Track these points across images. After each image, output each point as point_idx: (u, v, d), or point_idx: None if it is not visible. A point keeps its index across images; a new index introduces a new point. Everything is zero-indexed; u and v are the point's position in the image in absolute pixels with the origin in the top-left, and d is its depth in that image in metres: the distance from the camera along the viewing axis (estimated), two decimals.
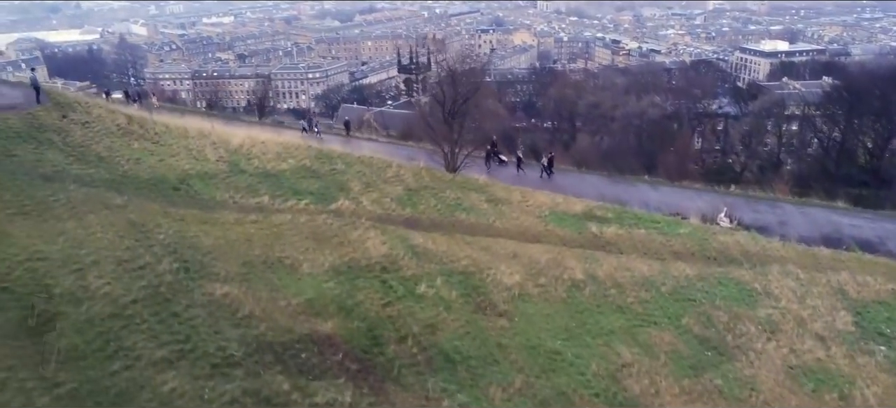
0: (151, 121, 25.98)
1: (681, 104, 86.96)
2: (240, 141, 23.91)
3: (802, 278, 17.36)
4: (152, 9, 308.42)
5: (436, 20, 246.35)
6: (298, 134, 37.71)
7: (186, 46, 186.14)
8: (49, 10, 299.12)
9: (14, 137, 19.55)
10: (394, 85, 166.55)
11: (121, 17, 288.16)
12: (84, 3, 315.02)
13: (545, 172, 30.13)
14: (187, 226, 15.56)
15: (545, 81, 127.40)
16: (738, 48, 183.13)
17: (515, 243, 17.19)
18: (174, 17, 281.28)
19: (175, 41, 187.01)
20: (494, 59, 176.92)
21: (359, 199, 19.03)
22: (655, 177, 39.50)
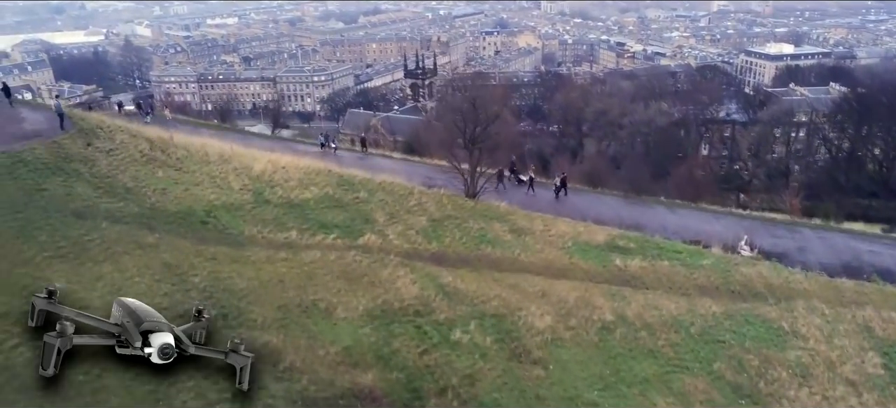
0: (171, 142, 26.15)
1: (688, 111, 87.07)
2: (261, 167, 24.04)
3: (828, 315, 17.45)
4: (157, 9, 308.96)
5: (440, 22, 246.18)
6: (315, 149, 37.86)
7: (191, 49, 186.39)
8: (53, 10, 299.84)
9: (43, 169, 19.70)
10: (399, 87, 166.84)
11: (125, 18, 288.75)
12: (89, 4, 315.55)
13: (559, 192, 30.21)
14: (220, 266, 15.69)
15: (551, 86, 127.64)
16: (743, 51, 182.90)
17: (542, 280, 17.30)
18: (178, 18, 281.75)
19: (180, 43, 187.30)
20: (499, 62, 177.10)
21: (385, 232, 19.16)
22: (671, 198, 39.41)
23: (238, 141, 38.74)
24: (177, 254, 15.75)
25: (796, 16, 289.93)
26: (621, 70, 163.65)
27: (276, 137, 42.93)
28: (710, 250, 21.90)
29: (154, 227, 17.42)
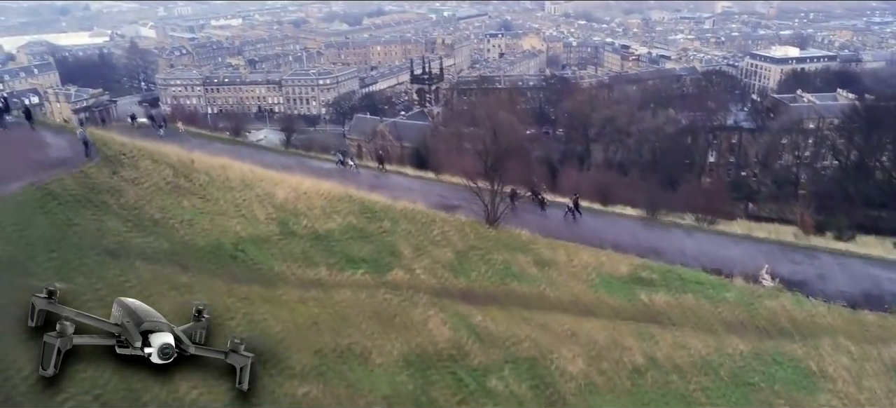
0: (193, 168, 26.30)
1: (696, 117, 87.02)
2: (284, 195, 24.18)
3: (854, 353, 17.57)
4: (161, 10, 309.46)
5: (444, 24, 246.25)
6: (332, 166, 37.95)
7: (196, 51, 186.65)
8: (58, 11, 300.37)
9: (72, 202, 19.86)
10: (404, 90, 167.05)
11: (130, 19, 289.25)
12: (93, 5, 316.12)
13: (571, 213, 30.29)
14: (254, 307, 15.84)
15: (557, 90, 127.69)
16: (748, 54, 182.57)
17: (571, 318, 17.43)
18: (183, 19, 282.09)
19: (185, 46, 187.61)
20: (503, 65, 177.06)
21: (412, 267, 19.31)
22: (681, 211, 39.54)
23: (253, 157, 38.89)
24: (211, 295, 15.91)
25: (801, 17, 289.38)
26: (626, 73, 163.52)
27: (290, 152, 42.96)
28: (733, 281, 22.00)
29: (186, 264, 17.58)
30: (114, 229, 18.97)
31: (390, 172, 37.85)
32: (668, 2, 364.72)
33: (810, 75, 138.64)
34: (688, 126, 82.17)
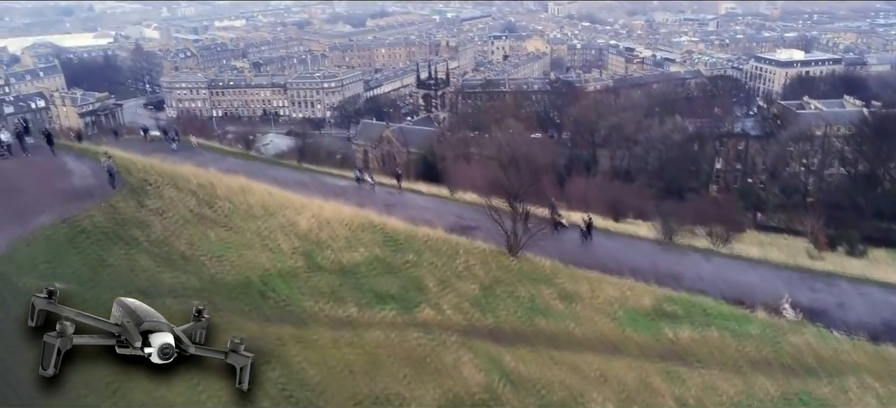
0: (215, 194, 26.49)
1: (702, 124, 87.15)
2: (307, 224, 24.35)
3: (882, 395, 17.72)
4: (164, 11, 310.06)
5: (447, 25, 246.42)
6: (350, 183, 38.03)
7: (201, 53, 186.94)
8: (62, 12, 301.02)
9: (103, 238, 20.03)
10: (408, 93, 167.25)
11: (133, 20, 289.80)
12: (97, 5, 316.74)
13: (585, 235, 30.38)
14: (288, 350, 16.00)
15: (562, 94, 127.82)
16: (752, 57, 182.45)
17: (599, 358, 17.60)
18: (186, 20, 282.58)
19: (189, 48, 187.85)
20: (508, 68, 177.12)
21: (439, 303, 19.47)
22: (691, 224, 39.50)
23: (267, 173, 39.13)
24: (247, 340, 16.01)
25: (805, 19, 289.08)
26: (631, 76, 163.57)
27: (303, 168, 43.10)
28: (755, 313, 22.15)
29: (217, 303, 17.71)
30: (144, 267, 19.14)
31: (405, 189, 37.93)
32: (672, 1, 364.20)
33: (815, 80, 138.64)
34: (694, 133, 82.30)
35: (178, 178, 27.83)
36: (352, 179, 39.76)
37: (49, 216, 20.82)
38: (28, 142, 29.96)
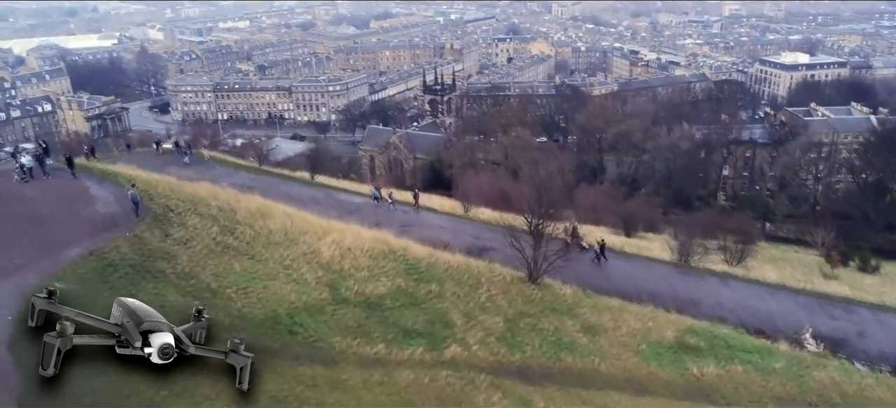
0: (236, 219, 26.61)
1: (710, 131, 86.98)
2: (329, 252, 24.46)
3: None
4: (168, 11, 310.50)
5: (451, 27, 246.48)
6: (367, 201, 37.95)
7: (205, 56, 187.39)
8: (66, 13, 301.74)
9: (132, 273, 20.12)
10: (413, 96, 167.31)
11: (137, 20, 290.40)
12: (101, 6, 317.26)
13: (598, 258, 30.44)
14: (322, 395, 16.11)
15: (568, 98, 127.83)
16: (757, 60, 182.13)
17: (627, 398, 17.69)
18: (190, 21, 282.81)
19: (194, 51, 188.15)
20: (512, 70, 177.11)
21: (466, 339, 19.57)
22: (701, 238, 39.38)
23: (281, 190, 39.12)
24: (280, 381, 16.16)
25: (809, 21, 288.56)
26: (636, 80, 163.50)
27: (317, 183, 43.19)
28: (777, 345, 22.22)
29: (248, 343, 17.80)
30: (174, 303, 19.19)
31: (422, 207, 37.90)
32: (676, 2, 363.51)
33: (821, 85, 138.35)
34: (702, 140, 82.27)
35: (199, 201, 27.93)
36: (367, 196, 39.83)
37: (77, 249, 20.92)
38: (49, 164, 30.02)
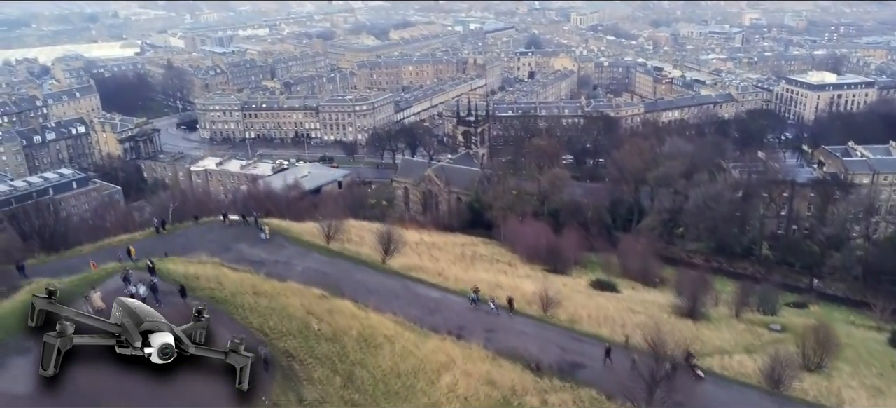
0: (343, 347, 27.14)
1: (750, 176, 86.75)
2: (446, 382, 24.99)
3: None
4: (187, 17, 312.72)
5: (472, 38, 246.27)
6: (462, 303, 37.65)
7: (230, 70, 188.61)
8: (87, 19, 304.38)
9: None
10: (438, 114, 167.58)
11: (158, 27, 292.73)
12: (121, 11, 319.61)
13: (693, 371, 30.43)
14: None
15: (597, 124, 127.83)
16: (783, 78, 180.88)
17: None
18: (209, 28, 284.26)
19: (219, 65, 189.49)
20: (536, 87, 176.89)
21: None
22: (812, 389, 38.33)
23: (356, 280, 39.53)
24: None
25: (831, 31, 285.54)
26: (662, 100, 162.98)
27: (390, 269, 43.51)
28: None
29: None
30: None
31: (517, 313, 37.25)
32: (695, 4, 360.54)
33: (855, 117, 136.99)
34: (744, 188, 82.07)
35: (303, 328, 28.56)
36: (442, 287, 40.02)
37: None
38: (155, 281, 30.55)
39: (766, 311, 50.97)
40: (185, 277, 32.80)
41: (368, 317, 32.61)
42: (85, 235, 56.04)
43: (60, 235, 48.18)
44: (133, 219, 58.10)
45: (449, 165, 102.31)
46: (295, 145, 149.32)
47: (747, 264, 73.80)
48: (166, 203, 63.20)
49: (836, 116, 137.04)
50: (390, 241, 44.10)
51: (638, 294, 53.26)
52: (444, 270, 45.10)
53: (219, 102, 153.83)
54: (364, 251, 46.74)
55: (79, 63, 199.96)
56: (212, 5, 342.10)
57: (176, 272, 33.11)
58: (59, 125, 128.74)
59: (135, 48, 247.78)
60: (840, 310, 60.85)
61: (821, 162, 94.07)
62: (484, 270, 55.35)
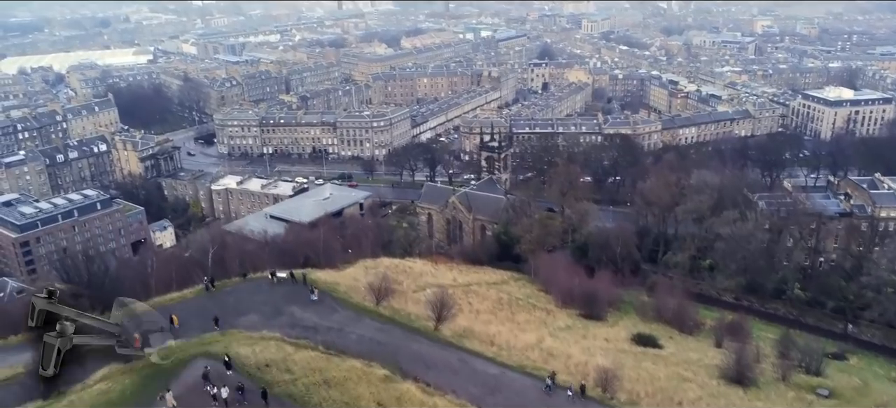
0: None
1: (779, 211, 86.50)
2: None
3: None
4: (199, 22, 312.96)
5: (484, 47, 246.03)
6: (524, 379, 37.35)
7: (246, 82, 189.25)
8: (99, 23, 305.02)
9: None
10: (453, 128, 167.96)
11: (169, 32, 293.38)
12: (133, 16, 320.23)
13: None
14: None
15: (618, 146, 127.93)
16: (800, 94, 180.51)
17: None
18: (221, 35, 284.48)
19: (235, 76, 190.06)
20: (552, 102, 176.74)
21: None
22: None
23: (412, 351, 39.62)
24: None
25: (843, 39, 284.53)
26: (679, 117, 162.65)
27: (445, 340, 43.35)
28: None
29: None
30: None
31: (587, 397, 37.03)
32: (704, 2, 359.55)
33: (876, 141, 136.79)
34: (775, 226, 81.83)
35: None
36: (498, 362, 39.87)
37: None
38: (231, 375, 30.84)
39: (811, 369, 50.96)
40: (256, 366, 33.16)
41: (435, 403, 32.87)
42: (128, 282, 56.54)
43: (110, 288, 48.47)
44: (177, 263, 58.26)
45: (473, 192, 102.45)
46: (312, 161, 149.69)
47: (779, 305, 73.62)
48: (205, 245, 63.46)
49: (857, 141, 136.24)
50: (443, 307, 44.19)
51: (680, 350, 53.25)
52: (496, 336, 45.10)
53: (237, 118, 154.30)
54: (412, 312, 46.86)
55: (94, 73, 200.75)
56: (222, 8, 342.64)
57: (248, 361, 33.46)
58: (81, 144, 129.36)
59: (148, 55, 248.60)
60: (879, 362, 60.75)
61: (848, 194, 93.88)
62: (524, 320, 55.54)
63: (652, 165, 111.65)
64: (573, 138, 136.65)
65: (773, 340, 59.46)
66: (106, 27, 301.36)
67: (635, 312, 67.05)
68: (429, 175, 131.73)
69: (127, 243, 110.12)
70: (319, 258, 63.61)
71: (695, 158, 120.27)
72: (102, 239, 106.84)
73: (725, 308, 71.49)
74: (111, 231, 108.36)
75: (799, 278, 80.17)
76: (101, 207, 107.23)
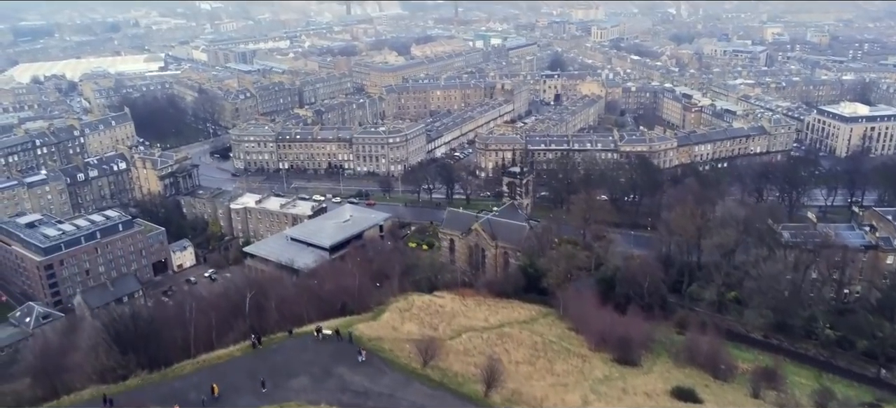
0: None
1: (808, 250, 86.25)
2: None
3: None
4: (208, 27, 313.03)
5: (495, 56, 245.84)
6: None
7: (259, 94, 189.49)
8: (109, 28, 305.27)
9: None
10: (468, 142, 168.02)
11: (179, 37, 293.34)
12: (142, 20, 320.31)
13: None
14: None
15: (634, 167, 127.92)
16: (815, 108, 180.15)
17: None
18: (231, 41, 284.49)
19: (248, 88, 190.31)
20: (566, 115, 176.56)
21: None
22: None
23: None
24: None
25: (855, 47, 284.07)
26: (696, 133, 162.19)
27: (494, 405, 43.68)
28: None
29: None
30: None
31: None
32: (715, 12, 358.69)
33: None
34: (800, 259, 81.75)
35: None
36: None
37: None
38: None
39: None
40: None
41: None
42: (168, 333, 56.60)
43: (155, 344, 48.70)
44: (217, 311, 58.32)
45: (495, 219, 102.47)
46: (328, 177, 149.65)
47: (809, 345, 73.60)
48: (242, 289, 63.62)
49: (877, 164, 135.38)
50: (493, 375, 44.38)
51: (720, 405, 53.48)
52: (544, 400, 45.44)
53: (253, 133, 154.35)
54: (460, 372, 47.08)
55: (107, 82, 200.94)
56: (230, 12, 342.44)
57: None
58: (101, 162, 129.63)
59: (158, 62, 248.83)
60: None
61: (873, 226, 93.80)
62: (563, 370, 55.70)
63: (671, 187, 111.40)
64: (590, 157, 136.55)
65: (807, 386, 59.63)
66: (116, 32, 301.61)
67: (668, 354, 67.18)
68: (446, 193, 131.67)
69: (148, 264, 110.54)
70: (354, 303, 63.79)
71: (713, 180, 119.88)
72: (124, 260, 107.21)
73: (755, 346, 71.72)
74: (133, 252, 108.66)
75: (827, 315, 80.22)
76: (122, 228, 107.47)
